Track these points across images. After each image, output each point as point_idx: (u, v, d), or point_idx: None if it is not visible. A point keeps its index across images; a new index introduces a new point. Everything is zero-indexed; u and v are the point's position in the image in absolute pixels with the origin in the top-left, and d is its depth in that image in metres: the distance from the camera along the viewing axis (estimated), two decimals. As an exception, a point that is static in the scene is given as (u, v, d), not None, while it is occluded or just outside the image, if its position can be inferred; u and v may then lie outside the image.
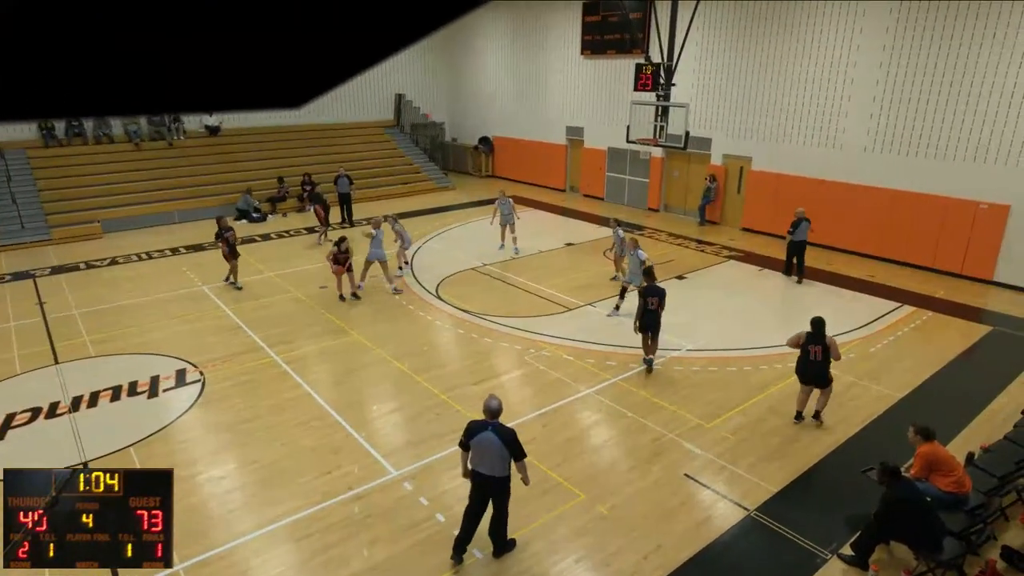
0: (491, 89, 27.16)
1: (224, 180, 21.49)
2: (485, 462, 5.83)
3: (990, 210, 14.15)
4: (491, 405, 5.81)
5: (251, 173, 22.12)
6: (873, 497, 6.27)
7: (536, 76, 24.79)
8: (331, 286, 13.67)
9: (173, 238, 18.13)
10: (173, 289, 13.87)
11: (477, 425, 5.82)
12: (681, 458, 7.89)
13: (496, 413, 5.81)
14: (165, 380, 9.81)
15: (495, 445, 5.72)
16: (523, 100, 25.69)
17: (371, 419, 8.80)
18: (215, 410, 8.96)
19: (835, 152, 16.47)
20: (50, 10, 0.56)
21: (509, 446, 5.75)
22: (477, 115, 28.20)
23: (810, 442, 8.23)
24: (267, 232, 18.84)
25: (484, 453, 5.79)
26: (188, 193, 20.63)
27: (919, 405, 9.36)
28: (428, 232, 18.78)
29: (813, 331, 8.43)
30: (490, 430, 5.73)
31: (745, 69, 17.97)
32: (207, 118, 23.25)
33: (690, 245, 17.47)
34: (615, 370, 10.16)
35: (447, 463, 7.73)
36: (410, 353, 10.77)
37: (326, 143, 24.87)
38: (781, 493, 7.24)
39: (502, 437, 5.72)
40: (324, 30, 0.64)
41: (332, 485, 7.32)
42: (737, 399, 9.30)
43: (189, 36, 0.60)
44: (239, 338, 11.35)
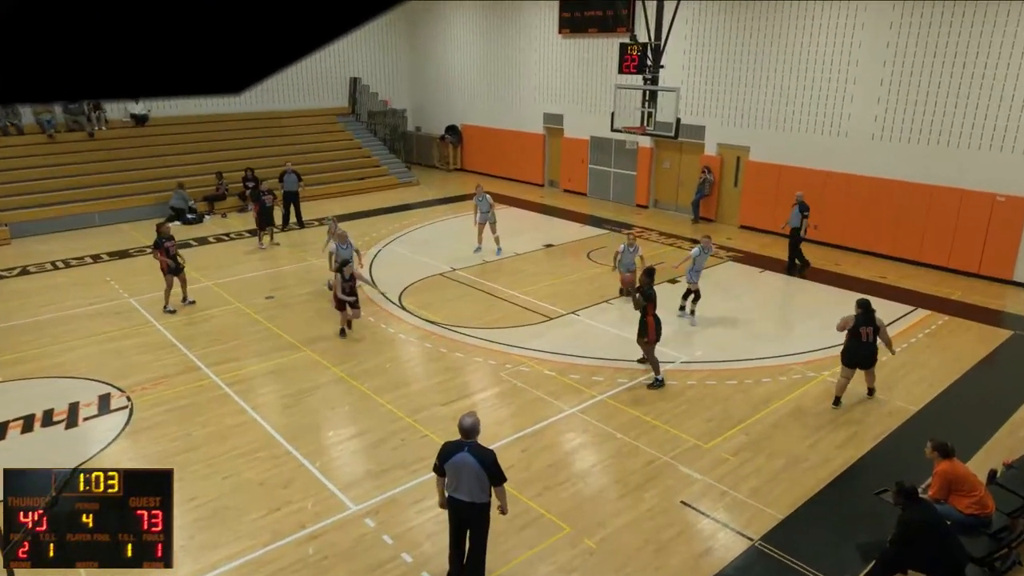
0: (459, 72, 27.21)
1: (153, 176, 21.15)
2: (462, 487, 5.82)
3: (1008, 203, 14.57)
4: (465, 423, 5.83)
5: (185, 168, 21.81)
6: (888, 521, 6.38)
7: (510, 57, 24.91)
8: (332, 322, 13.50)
9: (94, 243, 17.77)
10: (95, 302, 13.59)
11: (452, 446, 5.84)
12: (677, 484, 7.94)
13: (471, 432, 5.82)
14: (86, 407, 9.59)
15: (472, 468, 5.72)
16: (495, 84, 25.78)
17: (326, 447, 8.70)
18: (145, 441, 8.78)
19: (840, 140, 16.83)
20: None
21: (488, 469, 5.75)
22: (443, 101, 28.21)
23: (819, 462, 8.36)
24: (204, 235, 18.58)
25: (460, 477, 5.79)
26: (111, 192, 20.25)
27: (935, 419, 9.56)
28: (389, 234, 18.70)
29: (863, 312, 9.40)
30: (466, 451, 5.74)
31: (741, 50, 18.29)
32: (133, 105, 22.85)
33: (683, 245, 17.65)
34: (602, 386, 10.21)
35: (414, 495, 7.68)
36: (370, 371, 10.70)
37: (271, 134, 24.65)
38: (788, 520, 7.33)
39: (479, 459, 5.73)
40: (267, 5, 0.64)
41: (283, 523, 7.22)
42: (738, 416, 9.41)
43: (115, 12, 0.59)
44: (172, 357, 11.16)
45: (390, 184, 24.80)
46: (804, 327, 12.54)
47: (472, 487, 5.80)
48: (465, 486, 5.81)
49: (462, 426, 5.84)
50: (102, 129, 21.99)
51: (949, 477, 6.66)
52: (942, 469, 6.71)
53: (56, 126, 21.26)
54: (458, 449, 5.78)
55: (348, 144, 26.01)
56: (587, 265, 16.04)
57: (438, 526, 7.17)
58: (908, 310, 13.26)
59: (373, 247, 17.39)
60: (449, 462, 5.80)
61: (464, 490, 5.82)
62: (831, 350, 11.41)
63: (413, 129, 29.67)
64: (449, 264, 15.77)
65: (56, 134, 21.14)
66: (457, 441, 5.87)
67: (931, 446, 6.83)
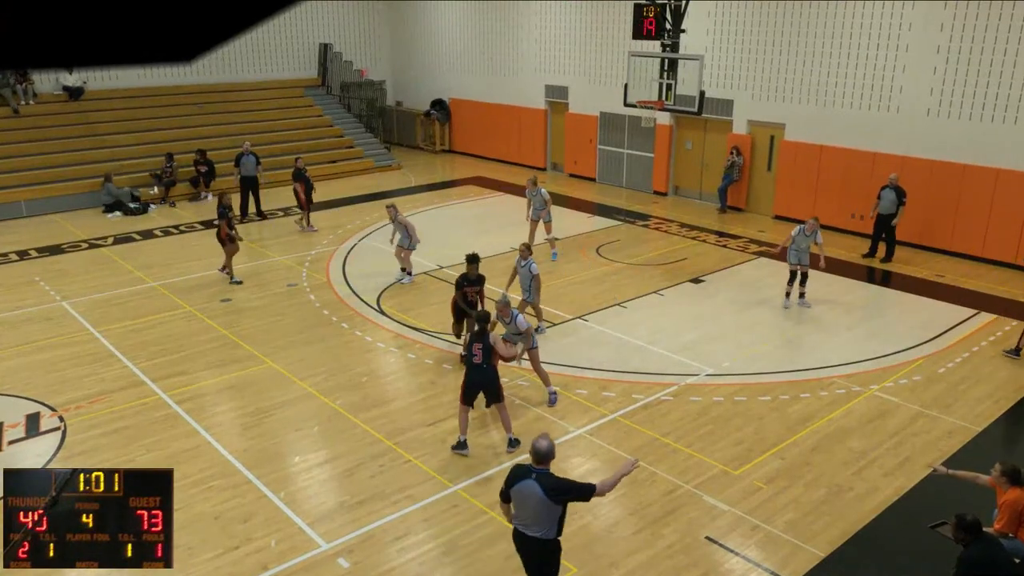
0: (447, 38, 27.23)
1: (89, 159, 21.15)
2: (527, 518, 5.89)
3: (1085, 189, 14.62)
4: (540, 447, 5.86)
5: (126, 150, 21.81)
6: (948, 560, 6.40)
7: (507, 20, 24.94)
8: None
9: (19, 237, 17.75)
10: (21, 306, 13.57)
11: (521, 471, 5.90)
12: (701, 516, 7.95)
13: (545, 458, 5.84)
14: (11, 429, 9.56)
15: (538, 497, 5.73)
16: (490, 52, 25.81)
17: (293, 475, 8.69)
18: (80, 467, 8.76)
19: (890, 117, 16.88)
20: None
21: (556, 497, 5.73)
22: (429, 72, 28.23)
23: (866, 491, 8.38)
24: (150, 227, 18.57)
25: (525, 507, 5.87)
26: (40, 177, 20.24)
27: (1002, 440, 9.58)
28: (365, 226, 18.70)
29: None
30: (533, 478, 5.77)
31: (775, 11, 18.33)
32: (66, 76, 22.81)
33: (708, 239, 17.69)
34: (614, 403, 10.23)
35: (395, 531, 7.68)
36: (344, 386, 10.69)
37: (227, 109, 24.67)
38: (831, 558, 7.33)
39: (545, 487, 5.73)
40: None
41: (241, 565, 7.21)
42: (773, 438, 9.43)
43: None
44: (112, 370, 11.14)
45: (366, 168, 24.81)
46: (849, 335, 12.57)
47: (539, 519, 5.82)
48: (530, 518, 5.86)
49: (535, 449, 5.86)
50: (29, 104, 21.97)
51: (1019, 508, 6.67)
52: (1011, 498, 6.72)
53: (-24, 100, 21.26)
54: (526, 475, 5.81)
55: (317, 121, 26.01)
56: (596, 262, 16.05)
57: (423, 567, 7.18)
58: (970, 314, 13.30)
59: (347, 241, 17.40)
60: (515, 488, 5.86)
61: (529, 522, 5.89)
62: (879, 361, 11.47)
63: (393, 104, 29.68)
64: (435, 262, 15.78)
65: (-24, 110, 21.13)
66: (528, 465, 5.89)
67: (999, 470, 6.85)
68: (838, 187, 17.88)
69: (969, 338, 12.38)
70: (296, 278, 14.97)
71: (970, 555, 6.03)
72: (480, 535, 7.63)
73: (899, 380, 10.92)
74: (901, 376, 11.04)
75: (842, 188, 17.79)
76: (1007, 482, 6.80)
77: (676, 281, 14.81)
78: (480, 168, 25.36)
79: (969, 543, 6.07)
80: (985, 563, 5.97)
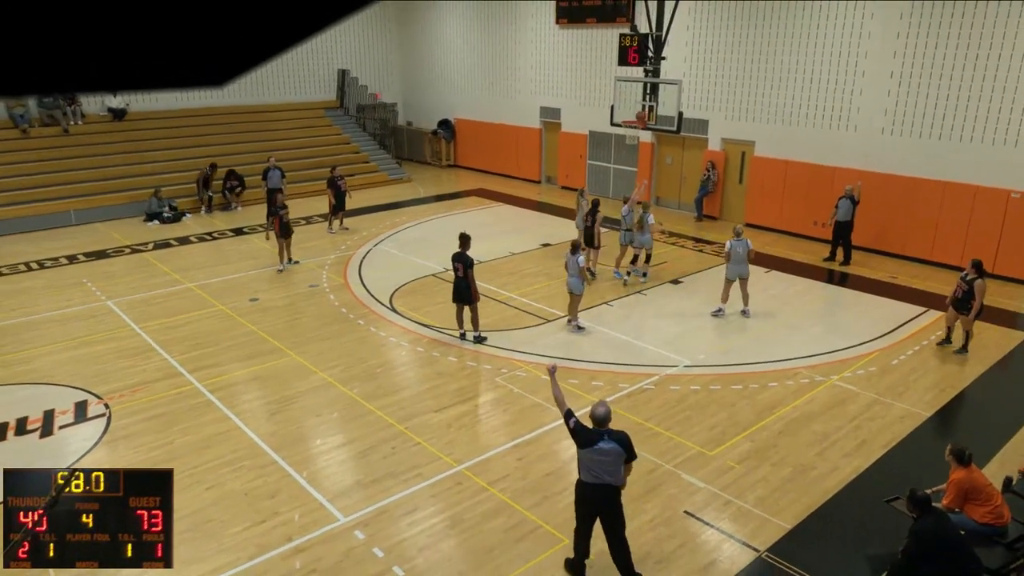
0: (452, 64, 27.21)
1: (132, 173, 21.11)
2: (603, 473, 6.24)
3: (1023, 199, 14.65)
4: (600, 413, 6.30)
5: (165, 165, 21.78)
6: (900, 532, 6.41)
7: (505, 48, 24.94)
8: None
9: (69, 243, 17.72)
10: (70, 305, 13.56)
11: (594, 434, 6.26)
12: (680, 493, 7.96)
13: (606, 420, 6.30)
14: (61, 415, 9.56)
15: (616, 451, 6.21)
16: (490, 77, 25.80)
17: (314, 456, 8.69)
18: (124, 450, 8.76)
19: (849, 135, 16.89)
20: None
21: (628, 449, 6.25)
22: (436, 95, 28.22)
23: (827, 470, 8.38)
24: (185, 235, 18.55)
25: (602, 463, 6.22)
26: (87, 189, 20.21)
27: (948, 425, 9.59)
28: (379, 233, 18.69)
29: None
30: (607, 438, 6.20)
31: (746, 40, 18.34)
32: (111, 99, 22.78)
33: (686, 244, 17.70)
34: (602, 391, 10.23)
35: (405, 506, 7.68)
36: (360, 376, 10.69)
37: (255, 128, 24.62)
38: (796, 530, 7.35)
39: (620, 442, 6.23)
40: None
41: (268, 536, 7.20)
42: (744, 422, 9.43)
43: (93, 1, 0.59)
44: (152, 362, 11.13)
45: (380, 181, 24.79)
46: (812, 330, 12.57)
47: (614, 471, 6.24)
48: (607, 471, 6.22)
49: (598, 415, 6.27)
50: (78, 124, 21.93)
51: (965, 486, 6.68)
52: (958, 477, 6.73)
53: (30, 121, 21.19)
54: (600, 437, 6.20)
55: (336, 139, 25.99)
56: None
57: (431, 539, 7.18)
58: (919, 311, 13.31)
59: (362, 247, 17.39)
60: (593, 448, 6.18)
61: (606, 475, 6.23)
62: (839, 354, 11.48)
63: (404, 123, 29.66)
64: (442, 264, 15.76)
65: (29, 129, 21.07)
66: (596, 430, 6.26)
67: (949, 450, 6.86)
68: (802, 197, 17.89)
69: (919, 333, 12.39)
70: (317, 280, 14.95)
71: (920, 527, 6.05)
72: (482, 510, 7.62)
73: (856, 371, 10.93)
74: (859, 367, 11.05)
75: (805, 198, 17.80)
76: (955, 461, 6.81)
77: (657, 283, 14.82)
78: (482, 181, 25.34)
79: (919, 516, 6.09)
80: (933, 533, 5.98)
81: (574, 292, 11.99)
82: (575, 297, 12.08)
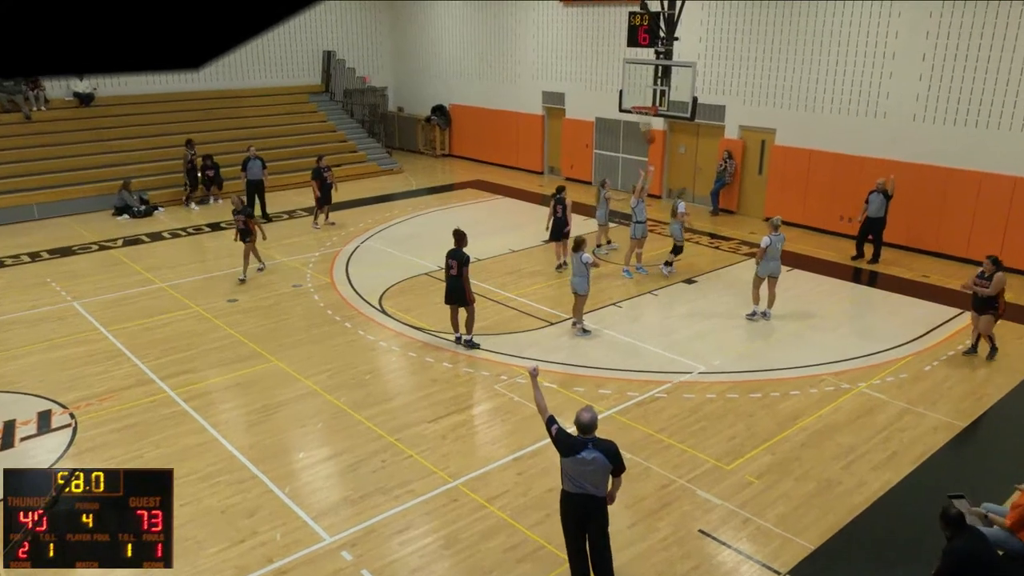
0: (448, 46, 27.21)
1: (99, 163, 21.12)
2: (586, 482, 6.25)
3: (1066, 192, 14.64)
4: (585, 419, 6.22)
5: (135, 155, 21.77)
6: (934, 552, 6.40)
7: (505, 28, 24.94)
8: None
9: (32, 240, 17.72)
10: (33, 306, 13.55)
11: (576, 441, 6.22)
12: (694, 510, 7.96)
13: (592, 427, 6.23)
14: (23, 426, 9.55)
15: (601, 462, 6.19)
16: (488, 59, 25.80)
17: (297, 471, 8.69)
18: (90, 463, 8.74)
19: (877, 123, 16.89)
20: None
21: (613, 460, 6.22)
22: (430, 79, 28.22)
23: (855, 485, 8.38)
24: (157, 230, 18.54)
25: (584, 473, 6.24)
26: (52, 180, 20.20)
27: (985, 436, 9.58)
28: (368, 228, 18.69)
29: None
30: (591, 447, 6.16)
31: (765, 19, 18.34)
32: (77, 83, 22.80)
33: (701, 240, 17.70)
34: (609, 400, 10.23)
35: (396, 525, 7.67)
36: (347, 384, 10.69)
37: (234, 115, 24.63)
38: (820, 550, 7.34)
39: (605, 452, 6.20)
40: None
41: (247, 557, 7.20)
42: (764, 433, 9.43)
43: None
44: (122, 368, 11.13)
45: (369, 171, 24.79)
46: (837, 333, 12.58)
47: (598, 481, 6.24)
48: (590, 481, 6.22)
49: (582, 422, 6.21)
50: (41, 110, 21.93)
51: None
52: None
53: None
54: (583, 446, 6.17)
55: (321, 126, 25.99)
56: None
57: (424, 560, 7.18)
58: (954, 313, 13.30)
59: (349, 243, 17.39)
60: (575, 458, 6.16)
61: (588, 485, 6.24)
62: (867, 359, 11.48)
63: (395, 110, 29.66)
64: (436, 262, 15.75)
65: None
66: (578, 436, 6.24)
67: None
68: (827, 190, 17.89)
69: (953, 337, 12.39)
70: (300, 279, 14.96)
71: (954, 547, 6.06)
72: (479, 528, 7.63)
73: (886, 378, 10.94)
74: (888, 374, 11.05)
75: (831, 191, 17.80)
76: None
77: (670, 282, 14.82)
78: (479, 172, 25.35)
79: (952, 536, 6.10)
80: (969, 553, 6.00)
81: (579, 292, 12.00)
82: (580, 298, 12.08)
